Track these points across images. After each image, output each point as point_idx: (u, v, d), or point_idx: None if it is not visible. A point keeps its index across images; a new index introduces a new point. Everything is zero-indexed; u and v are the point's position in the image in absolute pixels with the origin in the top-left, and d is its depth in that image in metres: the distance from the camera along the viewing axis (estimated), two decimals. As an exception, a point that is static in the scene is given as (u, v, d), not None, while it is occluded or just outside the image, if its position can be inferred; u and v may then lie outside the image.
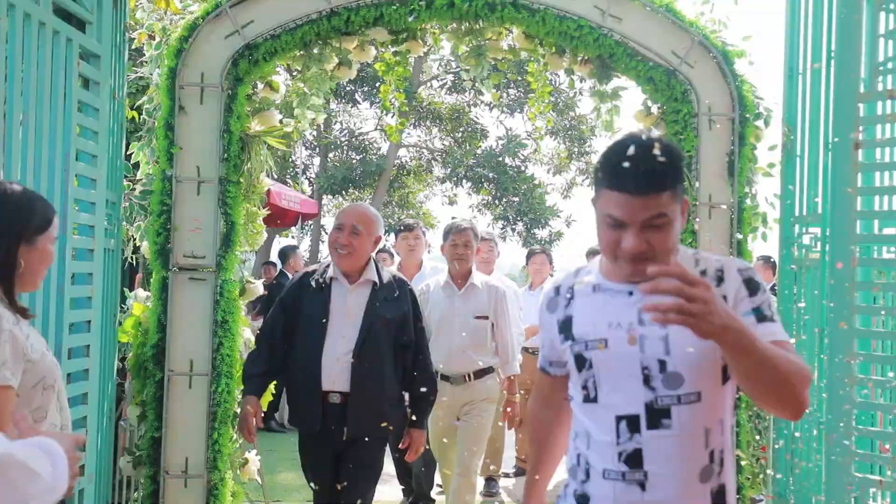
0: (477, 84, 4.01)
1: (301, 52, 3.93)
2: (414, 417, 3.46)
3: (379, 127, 16.84)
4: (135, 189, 3.88)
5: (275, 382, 3.63)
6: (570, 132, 16.22)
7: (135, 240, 3.89)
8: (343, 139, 16.95)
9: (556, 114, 14.99)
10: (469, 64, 4.07)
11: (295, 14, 3.79)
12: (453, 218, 4.69)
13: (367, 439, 3.25)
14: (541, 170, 17.40)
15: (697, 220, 4.01)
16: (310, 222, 15.13)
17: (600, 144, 15.20)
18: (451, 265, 4.38)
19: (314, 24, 3.81)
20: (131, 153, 3.93)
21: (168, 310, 3.72)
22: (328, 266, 3.39)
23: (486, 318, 4.28)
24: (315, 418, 3.24)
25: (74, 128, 2.89)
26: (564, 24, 3.90)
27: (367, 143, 16.96)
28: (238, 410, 3.62)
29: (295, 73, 4.08)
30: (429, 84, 16.36)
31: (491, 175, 15.66)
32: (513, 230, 16.26)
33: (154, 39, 3.74)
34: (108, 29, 3.12)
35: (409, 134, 16.90)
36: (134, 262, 4.20)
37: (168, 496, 3.71)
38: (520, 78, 12.46)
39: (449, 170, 16.61)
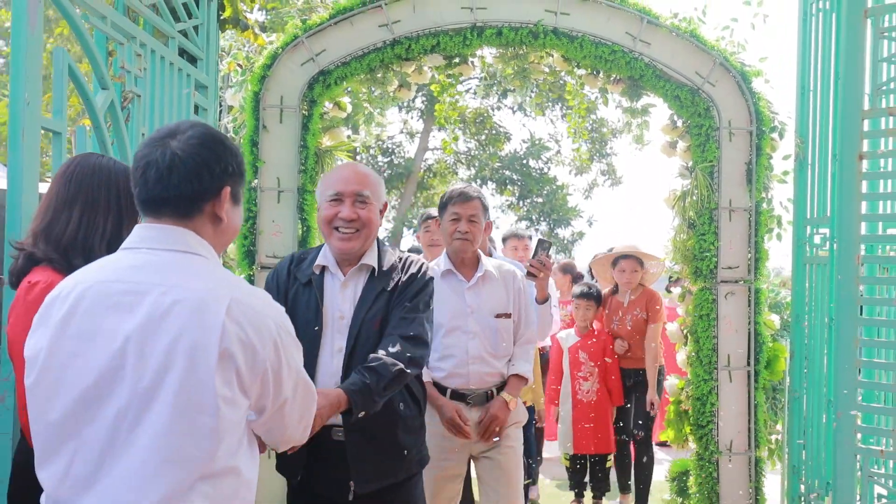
0: (522, 103, 4.50)
1: (367, 76, 4.45)
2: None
3: (404, 131, 17.38)
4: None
5: None
6: (592, 134, 16.67)
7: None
8: (371, 142, 17.50)
9: (580, 117, 15.43)
10: (514, 84, 4.57)
11: (362, 43, 4.31)
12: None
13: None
14: (563, 171, 17.89)
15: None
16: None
17: (621, 146, 15.57)
18: (449, 247, 3.24)
19: (379, 51, 4.33)
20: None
21: (253, 303, 4.25)
22: (317, 252, 2.55)
23: (509, 315, 3.26)
24: (299, 461, 2.36)
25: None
26: (599, 49, 4.40)
27: (393, 146, 17.52)
28: None
29: (361, 95, 4.58)
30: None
31: (515, 177, 16.14)
32: (536, 230, 16.77)
33: (241, 67, 4.27)
34: (213, 63, 3.65)
35: (433, 136, 17.42)
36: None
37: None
38: (541, 80, 12.96)
39: (474, 171, 17.13)
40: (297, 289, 2.45)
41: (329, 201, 2.45)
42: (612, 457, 5.24)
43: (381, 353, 2.29)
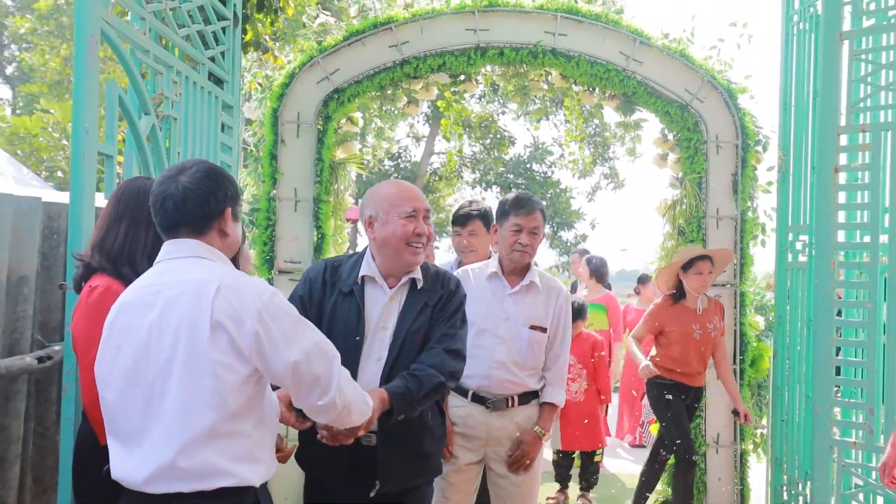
0: (522, 119, 4.80)
1: (378, 93, 4.77)
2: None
3: (411, 135, 17.70)
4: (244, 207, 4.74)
5: None
6: (594, 138, 16.96)
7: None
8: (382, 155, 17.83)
9: (583, 121, 15.74)
10: (515, 101, 4.88)
11: (374, 63, 4.63)
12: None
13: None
14: (566, 174, 18.19)
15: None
16: (351, 225, 16.03)
17: (622, 151, 15.78)
18: (508, 256, 3.18)
19: (389, 70, 4.65)
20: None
21: (272, 305, 4.57)
22: (358, 260, 2.57)
23: (545, 329, 3.18)
24: (339, 466, 2.45)
25: (218, 161, 3.75)
26: (595, 68, 4.71)
27: (400, 150, 17.83)
28: None
29: (372, 111, 4.89)
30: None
31: (519, 181, 16.44)
32: (539, 232, 17.06)
33: (261, 86, 4.59)
34: (237, 84, 3.97)
35: (439, 140, 17.74)
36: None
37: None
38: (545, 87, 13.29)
39: (478, 175, 17.44)
40: (336, 298, 2.47)
41: (405, 217, 2.47)
42: (600, 452, 5.49)
43: (423, 363, 2.41)
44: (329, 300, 2.47)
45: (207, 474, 1.78)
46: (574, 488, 5.56)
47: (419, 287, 2.54)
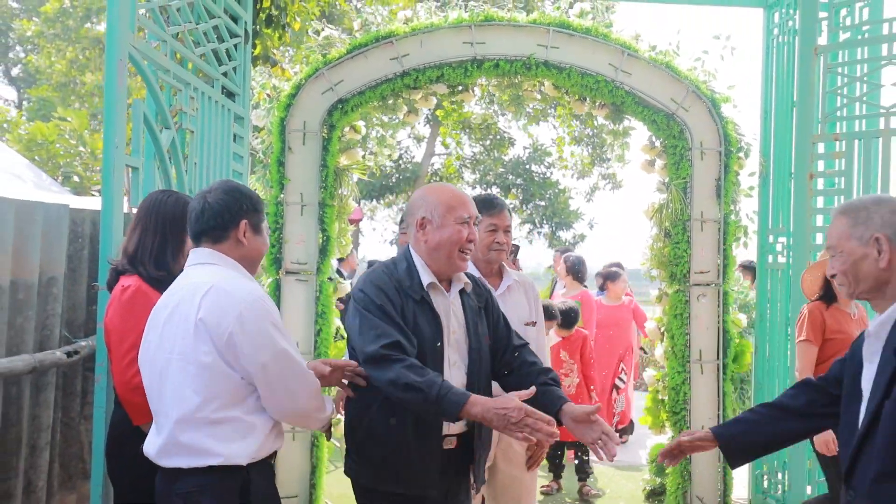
0: (517, 126, 5.06)
1: (379, 103, 5.03)
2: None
3: (412, 136, 17.95)
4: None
5: None
6: (592, 139, 17.22)
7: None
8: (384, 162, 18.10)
9: (581, 123, 16.01)
10: (510, 110, 5.14)
11: (376, 75, 4.89)
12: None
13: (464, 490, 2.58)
14: (565, 175, 18.44)
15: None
16: (354, 226, 16.31)
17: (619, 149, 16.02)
18: (484, 257, 3.19)
19: (390, 82, 4.90)
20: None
21: (280, 304, 4.84)
22: (410, 267, 2.51)
23: (534, 323, 3.29)
24: (434, 474, 2.41)
25: (231, 170, 4.01)
26: (585, 79, 4.96)
27: (401, 151, 18.08)
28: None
29: (375, 120, 5.15)
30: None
31: (518, 181, 16.70)
32: (539, 233, 17.33)
33: (269, 97, 4.85)
34: (247, 97, 4.24)
35: (440, 141, 18.00)
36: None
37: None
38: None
39: (478, 175, 17.69)
40: (412, 306, 2.41)
41: (460, 224, 2.47)
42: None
43: (539, 364, 2.58)
44: (407, 308, 2.40)
45: (198, 452, 2.10)
46: (569, 479, 5.83)
47: (466, 291, 2.59)
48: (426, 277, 2.47)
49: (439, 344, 2.42)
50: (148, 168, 3.17)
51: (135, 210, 2.81)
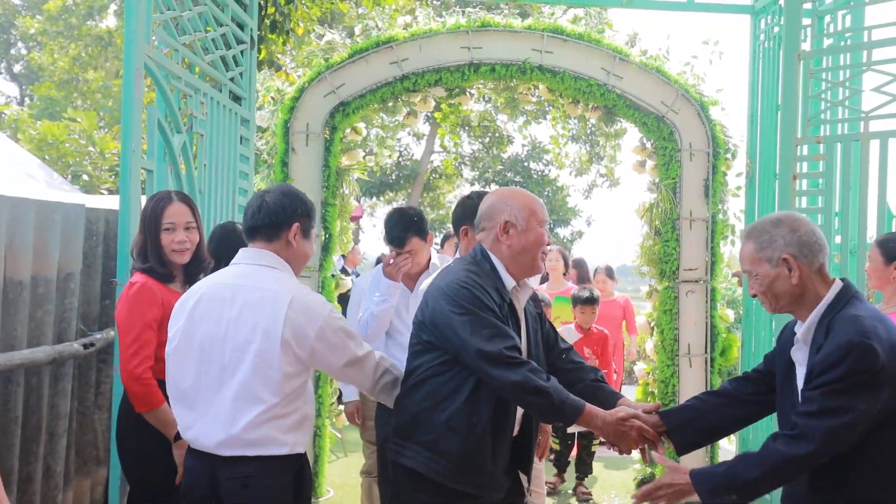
0: (514, 128, 5.23)
1: (380, 106, 5.22)
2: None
3: (411, 133, 18.12)
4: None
5: None
6: (590, 137, 17.40)
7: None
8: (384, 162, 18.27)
9: (578, 121, 16.19)
10: (506, 112, 5.32)
11: (376, 79, 5.07)
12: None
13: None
14: (563, 172, 18.64)
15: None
16: (354, 224, 16.50)
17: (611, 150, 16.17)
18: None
19: (390, 85, 5.09)
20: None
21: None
22: (492, 271, 2.49)
23: None
24: (501, 475, 2.48)
25: (238, 171, 4.20)
26: (579, 83, 5.15)
27: (400, 149, 18.26)
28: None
29: (375, 122, 5.33)
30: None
31: (517, 178, 16.88)
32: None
33: (273, 100, 5.03)
34: (253, 100, 4.42)
35: (439, 139, 18.18)
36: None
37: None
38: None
39: (477, 173, 17.88)
40: (506, 308, 2.44)
41: (543, 226, 2.52)
42: (596, 441, 5.82)
43: (583, 363, 2.72)
44: (503, 309, 2.42)
45: (266, 443, 2.23)
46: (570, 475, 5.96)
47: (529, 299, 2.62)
48: (509, 281, 2.49)
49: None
50: (161, 170, 3.35)
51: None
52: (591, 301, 5.57)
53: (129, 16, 2.92)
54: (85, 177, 6.87)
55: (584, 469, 5.78)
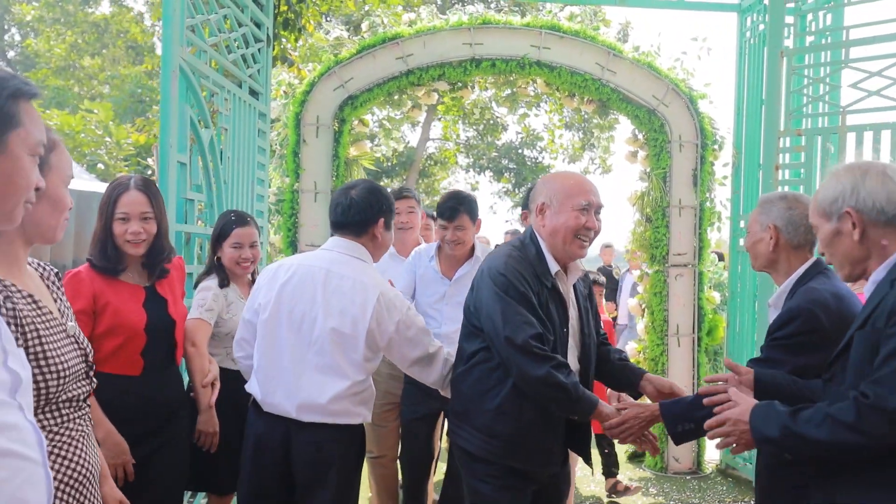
0: (513, 120, 5.50)
1: (386, 99, 5.49)
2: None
3: (408, 122, 18.34)
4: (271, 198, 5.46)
5: None
6: (584, 125, 17.66)
7: (270, 233, 5.48)
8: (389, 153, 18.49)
9: (571, 110, 16.46)
10: (505, 105, 5.59)
11: (383, 73, 5.34)
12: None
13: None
14: (556, 159, 18.90)
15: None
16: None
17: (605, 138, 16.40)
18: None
19: (396, 79, 5.36)
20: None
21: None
22: (538, 253, 2.51)
23: None
24: (557, 455, 2.56)
25: (256, 162, 4.47)
26: (574, 77, 5.43)
27: (400, 136, 18.48)
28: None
29: (381, 114, 5.58)
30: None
31: (511, 165, 17.14)
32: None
33: (286, 94, 5.29)
34: (269, 96, 4.68)
35: (435, 125, 18.41)
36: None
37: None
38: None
39: (472, 160, 18.13)
40: (546, 293, 2.45)
41: (578, 210, 2.46)
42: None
43: (608, 344, 2.84)
44: (542, 294, 2.44)
45: (345, 414, 2.50)
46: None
47: (577, 282, 2.64)
48: (553, 265, 2.48)
49: (565, 329, 2.50)
50: (193, 163, 3.63)
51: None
52: (598, 284, 5.79)
53: (166, 22, 3.18)
54: (100, 165, 7.10)
55: (613, 465, 5.21)
